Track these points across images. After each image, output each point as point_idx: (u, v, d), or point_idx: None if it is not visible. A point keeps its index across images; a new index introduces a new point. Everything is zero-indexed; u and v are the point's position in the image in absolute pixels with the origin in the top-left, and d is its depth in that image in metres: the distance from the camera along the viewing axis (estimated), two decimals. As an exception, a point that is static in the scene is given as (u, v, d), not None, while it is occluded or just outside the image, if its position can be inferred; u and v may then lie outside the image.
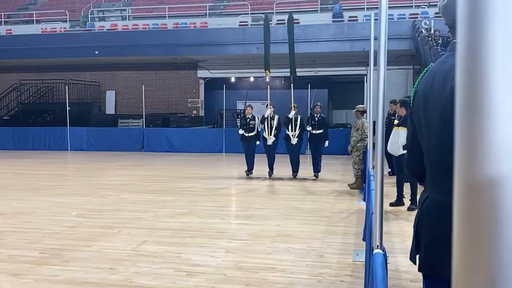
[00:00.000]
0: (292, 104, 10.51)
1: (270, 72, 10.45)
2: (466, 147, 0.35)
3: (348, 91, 22.32)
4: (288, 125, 10.31)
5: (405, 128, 6.67)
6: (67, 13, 22.19)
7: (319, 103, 10.65)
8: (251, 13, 20.58)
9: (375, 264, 2.33)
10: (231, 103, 19.45)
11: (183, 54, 19.01)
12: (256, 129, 10.65)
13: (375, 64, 3.20)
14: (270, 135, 10.28)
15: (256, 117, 10.73)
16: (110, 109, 22.01)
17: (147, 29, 20.58)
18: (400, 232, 5.85)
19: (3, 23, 22.55)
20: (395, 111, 9.45)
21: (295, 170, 10.59)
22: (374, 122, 3.86)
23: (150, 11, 22.17)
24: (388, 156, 7.32)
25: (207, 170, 12.09)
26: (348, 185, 9.17)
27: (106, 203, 7.82)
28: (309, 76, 19.32)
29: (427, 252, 1.63)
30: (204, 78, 21.19)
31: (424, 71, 1.80)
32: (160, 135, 16.90)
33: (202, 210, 7.18)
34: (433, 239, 1.60)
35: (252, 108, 10.95)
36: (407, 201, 7.12)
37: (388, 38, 2.70)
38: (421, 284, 1.78)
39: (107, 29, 21.02)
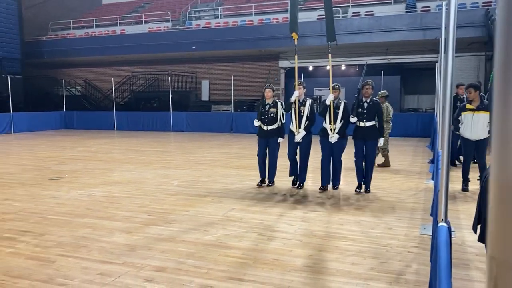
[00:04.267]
0: (331, 86, 6.52)
1: (298, 36, 7.04)
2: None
3: (420, 77, 21.10)
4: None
5: (487, 112, 6.15)
6: (169, 14, 23.07)
7: (370, 81, 6.48)
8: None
9: (439, 236, 2.24)
10: (309, 89, 19.21)
11: (267, 47, 19.04)
12: (278, 120, 6.87)
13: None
14: (299, 127, 6.66)
15: (279, 103, 6.91)
16: (204, 96, 22.75)
17: (236, 25, 20.84)
18: (467, 210, 5.52)
19: (118, 24, 23.98)
20: (457, 93, 8.73)
21: (334, 184, 6.79)
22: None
23: (239, 10, 22.39)
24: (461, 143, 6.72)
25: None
26: (378, 164, 8.37)
27: (202, 176, 8.14)
28: (382, 63, 18.54)
29: (485, 224, 1.54)
30: (284, 68, 21.13)
31: None
32: (246, 118, 17.20)
33: (282, 184, 7.24)
34: None
35: (273, 91, 6.95)
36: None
37: (460, 26, 2.55)
38: (485, 258, 1.69)
39: (202, 27, 21.58)
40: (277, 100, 6.94)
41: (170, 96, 18.73)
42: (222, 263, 3.83)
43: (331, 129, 6.48)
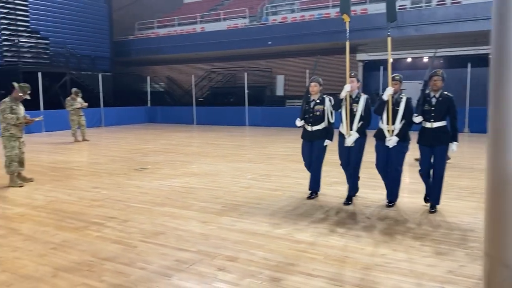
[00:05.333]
0: (389, 77, 5.31)
1: (350, 18, 5.75)
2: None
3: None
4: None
5: None
6: (246, 10, 23.44)
7: (440, 71, 5.11)
8: (410, -3, 19.06)
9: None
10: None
11: (344, 39, 18.59)
12: (326, 119, 5.77)
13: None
14: (351, 129, 5.53)
15: (327, 99, 5.76)
16: (279, 91, 22.84)
17: (313, 19, 20.62)
18: None
19: (198, 22, 24.88)
20: None
21: (390, 200, 5.53)
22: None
23: (316, 3, 22.11)
24: None
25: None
26: (415, 159, 7.31)
27: (274, 170, 8.21)
28: (469, 55, 17.29)
29: None
30: (363, 61, 20.53)
31: None
32: (321, 113, 17.00)
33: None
34: None
35: (320, 85, 5.81)
36: None
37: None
38: None
39: (278, 22, 21.65)
40: (324, 96, 5.81)
41: (246, 91, 19.07)
42: (291, 257, 3.86)
43: (388, 131, 5.31)
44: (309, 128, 5.86)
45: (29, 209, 5.61)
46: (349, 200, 5.69)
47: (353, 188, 5.75)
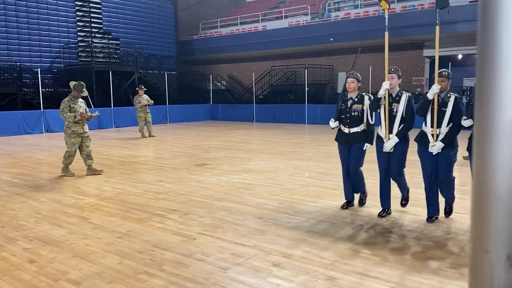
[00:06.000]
0: (436, 74, 4.52)
1: (389, 6, 4.86)
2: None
3: None
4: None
5: None
6: (308, 7, 23.28)
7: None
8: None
9: None
10: (458, 80, 17.59)
11: (410, 35, 17.93)
12: (365, 120, 5.14)
13: None
14: (391, 133, 4.80)
15: (366, 97, 5.15)
16: (341, 88, 22.45)
17: (376, 14, 20.04)
18: None
19: (260, 20, 25.09)
20: None
21: (431, 215, 4.81)
22: None
23: (380, -2, 21.46)
24: None
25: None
26: (464, 157, 6.46)
27: (333, 168, 8.11)
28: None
29: None
30: (429, 57, 19.63)
31: None
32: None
33: (416, 183, 6.80)
34: None
35: (358, 81, 5.13)
36: None
37: None
38: None
39: (341, 18, 21.28)
40: (363, 94, 5.19)
41: (306, 89, 18.97)
42: (347, 256, 3.81)
43: (433, 135, 4.55)
44: (345, 130, 5.19)
45: (99, 200, 6.00)
46: (382, 213, 4.99)
47: (406, 200, 5.09)
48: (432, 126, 4.57)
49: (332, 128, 5.36)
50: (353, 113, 5.12)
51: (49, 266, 3.69)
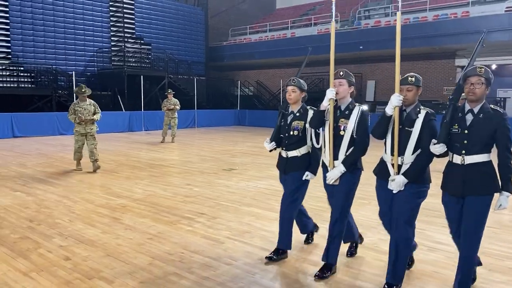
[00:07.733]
0: (409, 79, 3.46)
1: None
2: None
3: None
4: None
5: None
6: (338, 15, 23.21)
7: (483, 69, 2.95)
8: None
9: None
10: (492, 90, 17.11)
11: (442, 44, 17.61)
12: (308, 141, 3.90)
13: None
14: (337, 159, 3.57)
15: (311, 111, 3.85)
16: (369, 96, 22.24)
17: (408, 23, 19.81)
18: None
19: (289, 27, 25.18)
20: None
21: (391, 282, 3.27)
22: None
23: (412, 6, 21.21)
24: None
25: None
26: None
27: (362, 178, 8.03)
28: None
29: None
30: (461, 67, 19.21)
31: None
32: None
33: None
34: None
35: (302, 90, 3.98)
36: None
37: None
38: None
39: (371, 26, 21.12)
40: (307, 108, 3.91)
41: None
42: (375, 266, 3.79)
43: (393, 165, 3.24)
44: (283, 153, 3.99)
45: (130, 201, 6.16)
46: (326, 271, 3.55)
47: (334, 255, 3.58)
48: (392, 153, 3.27)
49: (270, 151, 4.19)
50: (292, 132, 3.87)
51: (83, 264, 3.82)
